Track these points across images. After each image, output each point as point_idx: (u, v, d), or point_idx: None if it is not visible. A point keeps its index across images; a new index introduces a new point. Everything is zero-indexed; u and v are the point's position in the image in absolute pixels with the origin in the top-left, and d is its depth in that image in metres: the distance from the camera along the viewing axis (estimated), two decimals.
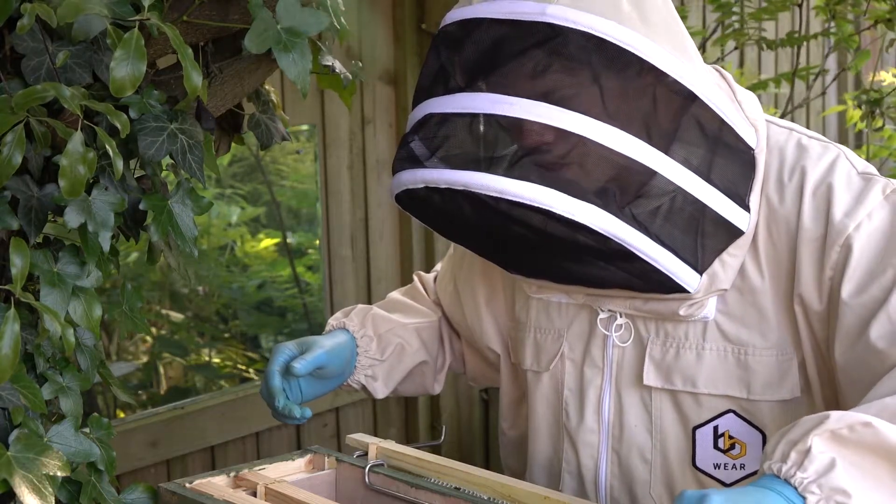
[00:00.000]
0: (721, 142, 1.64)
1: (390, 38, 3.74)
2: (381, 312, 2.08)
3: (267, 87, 1.91)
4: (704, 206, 1.62)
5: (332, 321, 2.05)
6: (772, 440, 1.52)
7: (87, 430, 1.62)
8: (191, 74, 1.55)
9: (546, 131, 1.56)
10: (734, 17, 3.92)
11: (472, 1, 1.64)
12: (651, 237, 1.59)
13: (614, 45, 1.56)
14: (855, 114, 4.30)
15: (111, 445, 1.65)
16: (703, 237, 1.64)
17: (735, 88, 1.74)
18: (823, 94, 4.78)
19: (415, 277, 2.25)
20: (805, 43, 3.94)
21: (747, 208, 1.68)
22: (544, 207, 1.55)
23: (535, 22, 1.56)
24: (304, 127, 3.71)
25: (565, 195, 1.55)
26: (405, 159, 1.65)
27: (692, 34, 3.79)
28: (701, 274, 1.66)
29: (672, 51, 1.60)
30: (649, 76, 1.58)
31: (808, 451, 1.45)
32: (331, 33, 1.83)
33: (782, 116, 4.09)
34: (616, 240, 1.57)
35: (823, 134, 5.53)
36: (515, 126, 1.58)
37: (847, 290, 1.65)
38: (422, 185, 1.62)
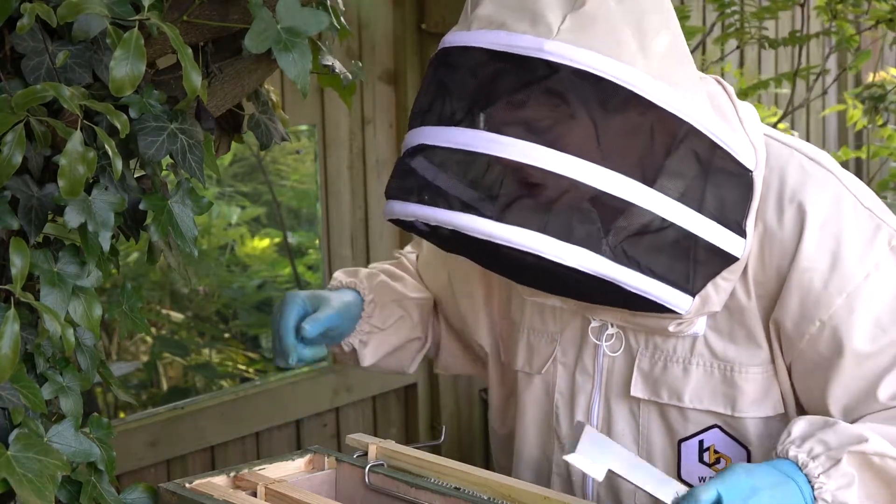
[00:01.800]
0: (719, 170, 1.63)
1: (390, 38, 3.74)
2: (388, 280, 2.05)
3: (267, 87, 1.91)
4: (699, 238, 1.61)
5: (341, 277, 2.02)
6: (800, 424, 1.57)
7: (87, 430, 1.62)
8: (190, 74, 1.55)
9: (539, 174, 1.54)
10: (734, 17, 3.91)
11: (470, 25, 1.61)
12: (643, 271, 1.58)
13: (612, 83, 1.53)
14: (855, 113, 4.29)
15: (111, 445, 1.65)
16: (696, 264, 1.63)
17: (737, 103, 1.72)
18: (824, 94, 4.78)
19: (399, 256, 2.20)
20: (806, 43, 3.94)
21: (743, 234, 1.66)
22: (534, 252, 1.54)
23: (532, 58, 1.53)
24: (304, 127, 3.71)
25: (555, 240, 1.54)
26: (398, 189, 1.64)
27: (692, 32, 3.81)
28: (693, 297, 1.65)
29: (672, 82, 1.57)
30: (647, 114, 1.56)
31: (838, 462, 1.52)
32: (331, 33, 1.83)
33: (783, 117, 4.09)
34: (607, 279, 1.57)
35: (823, 134, 5.55)
36: (509, 168, 1.56)
37: (855, 340, 1.65)
38: (412, 220, 1.62)
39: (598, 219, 1.56)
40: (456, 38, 1.62)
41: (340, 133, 3.65)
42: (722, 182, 1.63)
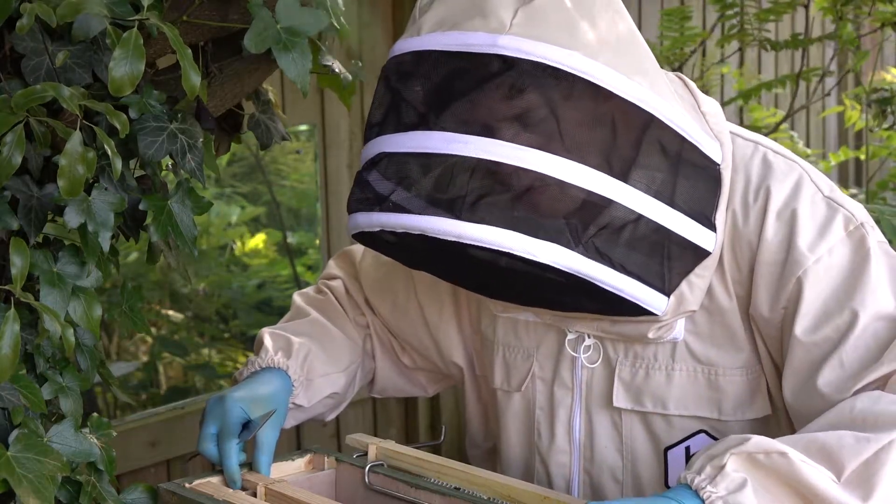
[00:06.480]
0: (685, 162, 1.60)
1: (390, 38, 3.73)
2: (320, 354, 1.94)
3: (267, 87, 1.91)
4: (669, 231, 1.59)
5: (270, 348, 1.90)
6: (696, 454, 1.52)
7: (87, 430, 1.62)
8: (189, 74, 1.55)
9: (503, 170, 1.51)
10: (735, 19, 3.91)
11: (420, 30, 1.58)
12: (615, 268, 1.55)
13: (569, 74, 1.50)
14: (853, 114, 4.29)
15: (111, 445, 1.65)
16: (668, 260, 1.60)
17: (699, 99, 1.70)
18: (827, 95, 4.78)
19: (325, 289, 2.10)
20: (808, 45, 3.94)
21: (713, 227, 1.64)
22: (505, 250, 1.51)
23: (486, 54, 1.51)
24: (304, 127, 3.71)
25: (525, 236, 1.51)
26: (360, 201, 1.60)
27: (693, 35, 3.81)
28: (668, 296, 1.62)
29: (630, 72, 1.55)
30: (607, 103, 1.53)
31: (722, 468, 1.47)
32: (331, 33, 1.83)
33: (784, 118, 4.09)
34: (580, 275, 1.54)
35: (823, 135, 5.55)
36: (471, 166, 1.52)
37: (801, 326, 1.63)
38: (378, 229, 1.58)
39: (566, 213, 1.53)
40: (406, 44, 1.60)
41: (340, 133, 3.65)
42: (688, 174, 1.60)
